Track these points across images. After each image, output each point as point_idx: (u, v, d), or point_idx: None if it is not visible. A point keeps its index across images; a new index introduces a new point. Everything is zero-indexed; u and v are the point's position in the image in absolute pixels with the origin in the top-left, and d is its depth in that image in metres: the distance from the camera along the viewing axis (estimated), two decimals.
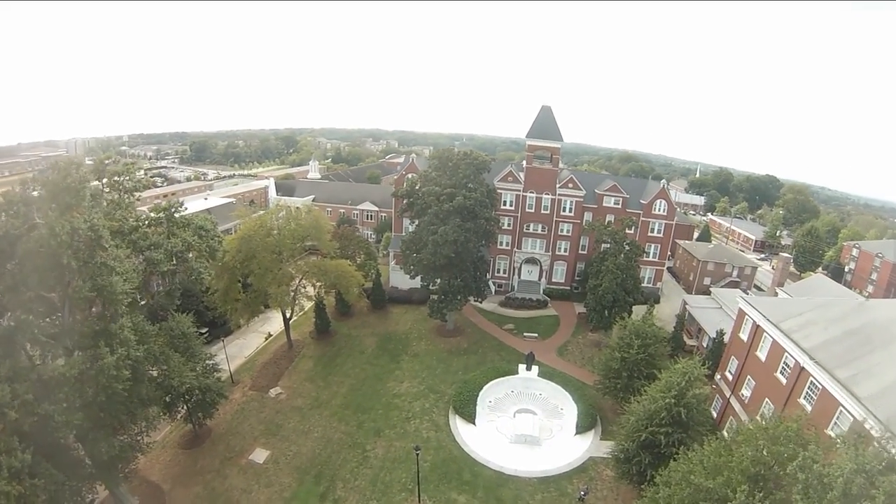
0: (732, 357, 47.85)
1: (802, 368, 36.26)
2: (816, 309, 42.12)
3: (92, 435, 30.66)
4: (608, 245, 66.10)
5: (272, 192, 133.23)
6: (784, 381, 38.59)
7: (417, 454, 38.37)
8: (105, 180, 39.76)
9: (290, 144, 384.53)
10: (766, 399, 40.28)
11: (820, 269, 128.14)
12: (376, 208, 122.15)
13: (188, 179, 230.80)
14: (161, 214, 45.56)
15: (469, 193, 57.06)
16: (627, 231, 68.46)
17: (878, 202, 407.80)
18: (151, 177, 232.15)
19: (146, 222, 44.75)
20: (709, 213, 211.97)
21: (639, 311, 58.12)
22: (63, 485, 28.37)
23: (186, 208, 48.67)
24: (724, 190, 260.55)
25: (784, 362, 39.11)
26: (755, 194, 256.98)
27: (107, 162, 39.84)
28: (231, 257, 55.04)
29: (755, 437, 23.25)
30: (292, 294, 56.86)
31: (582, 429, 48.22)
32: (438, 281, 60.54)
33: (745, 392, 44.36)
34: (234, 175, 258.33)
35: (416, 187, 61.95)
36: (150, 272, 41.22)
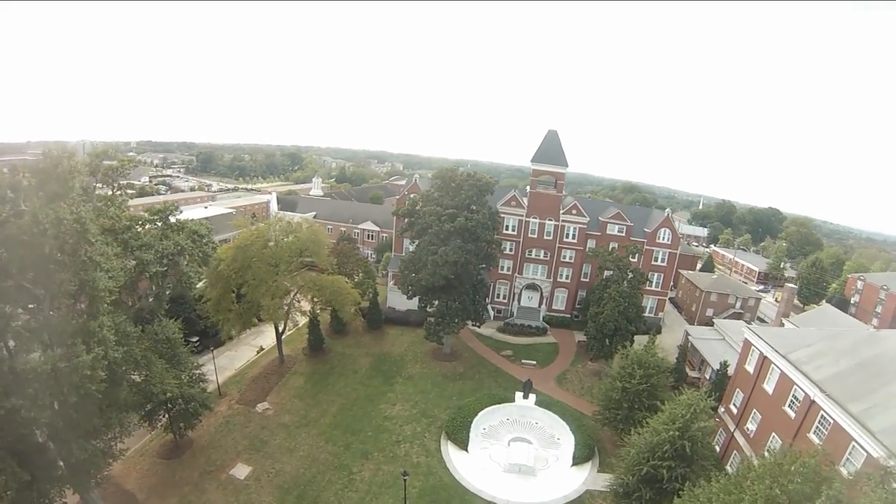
0: (737, 389, 46.20)
1: (812, 402, 34.80)
2: (826, 340, 40.82)
3: (63, 436, 29.21)
4: (611, 272, 64.91)
5: (273, 207, 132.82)
6: (793, 414, 37.04)
7: (405, 479, 36.54)
8: (99, 175, 38.66)
9: (296, 161, 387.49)
10: (773, 434, 38.58)
11: (824, 301, 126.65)
12: (377, 228, 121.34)
13: (192, 189, 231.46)
14: (156, 216, 44.38)
15: (471, 215, 56.18)
16: (631, 259, 67.37)
17: (881, 236, 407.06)
18: (156, 185, 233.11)
19: (140, 222, 43.62)
20: (712, 245, 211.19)
21: (640, 340, 56.63)
22: (28, 485, 26.85)
23: (182, 211, 47.52)
24: (727, 222, 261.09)
25: (793, 395, 37.59)
26: (758, 226, 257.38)
27: (104, 161, 38.76)
28: (226, 266, 53.86)
29: (768, 473, 21.68)
30: (286, 308, 55.53)
31: (579, 460, 46.25)
32: (436, 303, 59.09)
33: (751, 426, 42.66)
34: (237, 188, 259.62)
35: (418, 207, 61.08)
36: (139, 273, 39.80)
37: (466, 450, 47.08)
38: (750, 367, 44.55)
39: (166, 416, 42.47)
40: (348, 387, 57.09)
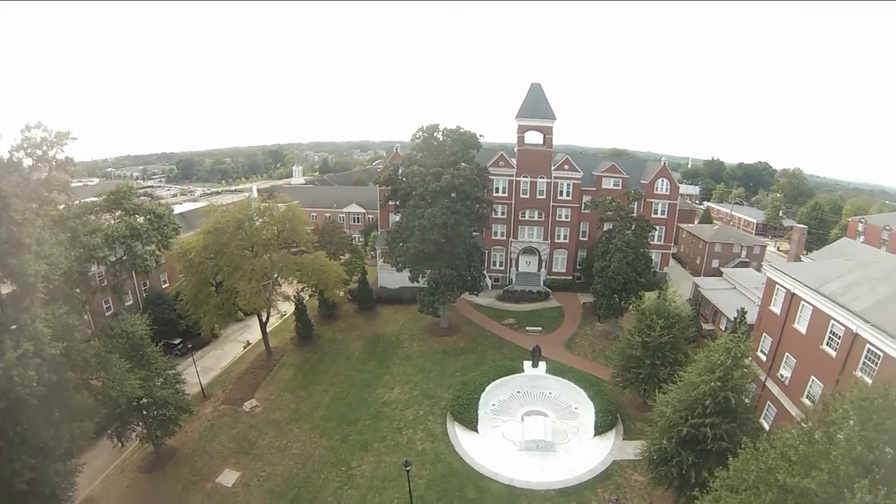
0: (764, 334, 41.82)
1: (856, 335, 30.56)
2: (857, 269, 36.55)
3: (5, 453, 24.61)
4: (612, 226, 60.24)
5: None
6: (833, 353, 32.81)
7: (408, 471, 31.95)
8: (29, 151, 33.18)
9: (278, 159, 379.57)
10: (813, 377, 34.60)
11: (827, 246, 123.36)
12: (363, 210, 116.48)
13: (174, 196, 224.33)
14: (110, 201, 39.07)
15: (457, 172, 51.17)
16: (632, 206, 62.67)
17: (868, 185, 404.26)
18: (138, 196, 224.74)
19: (94, 211, 38.42)
20: (705, 202, 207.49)
21: (649, 297, 52.11)
22: None
23: (139, 195, 42.25)
24: (717, 178, 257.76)
25: (831, 332, 33.31)
26: (749, 181, 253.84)
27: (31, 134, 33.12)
28: (197, 254, 49.19)
29: (856, 411, 17.25)
30: (266, 293, 50.30)
31: (601, 429, 41.98)
32: (428, 272, 54.17)
33: (784, 372, 38.43)
34: (220, 191, 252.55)
35: (400, 172, 55.97)
36: (87, 259, 34.64)
37: (476, 430, 42.75)
38: (776, 308, 40.22)
39: (141, 424, 38.05)
40: (341, 374, 52.53)
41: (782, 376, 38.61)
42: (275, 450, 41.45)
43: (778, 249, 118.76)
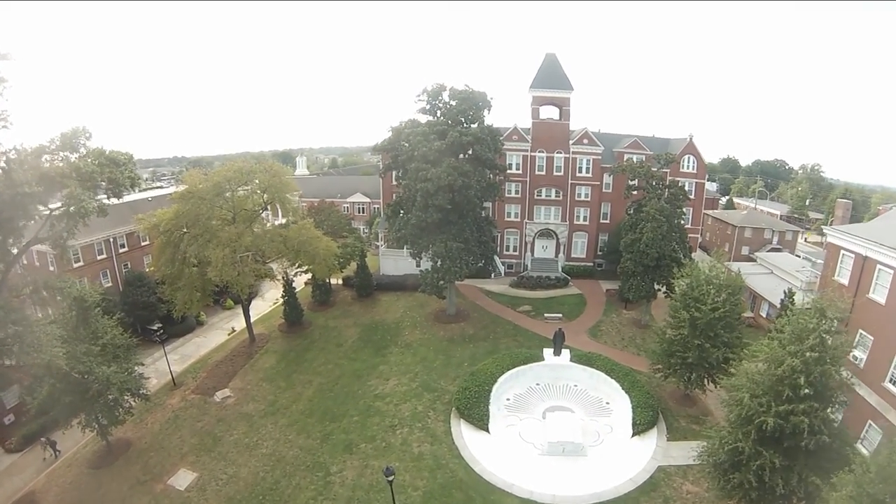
0: None
1: None
2: None
3: None
4: (636, 202, 52.91)
5: None
6: None
7: (391, 482, 24.40)
8: None
9: (287, 161, 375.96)
10: None
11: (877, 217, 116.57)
12: (368, 200, 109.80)
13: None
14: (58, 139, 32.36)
15: (465, 129, 44.21)
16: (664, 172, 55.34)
17: (869, 187, 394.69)
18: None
19: (42, 152, 31.89)
20: (723, 198, 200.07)
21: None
22: None
23: (91, 136, 35.24)
24: (734, 174, 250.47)
25: None
26: (766, 177, 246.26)
27: None
28: (168, 223, 43.14)
29: None
30: (242, 267, 43.03)
31: (641, 427, 34.28)
32: (432, 248, 46.86)
33: (858, 353, 31.29)
34: None
35: (403, 135, 49.03)
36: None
37: (486, 430, 35.27)
38: (843, 279, 33.31)
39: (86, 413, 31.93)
40: (330, 363, 45.48)
41: (855, 358, 31.39)
42: (242, 448, 34.44)
43: (805, 241, 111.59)
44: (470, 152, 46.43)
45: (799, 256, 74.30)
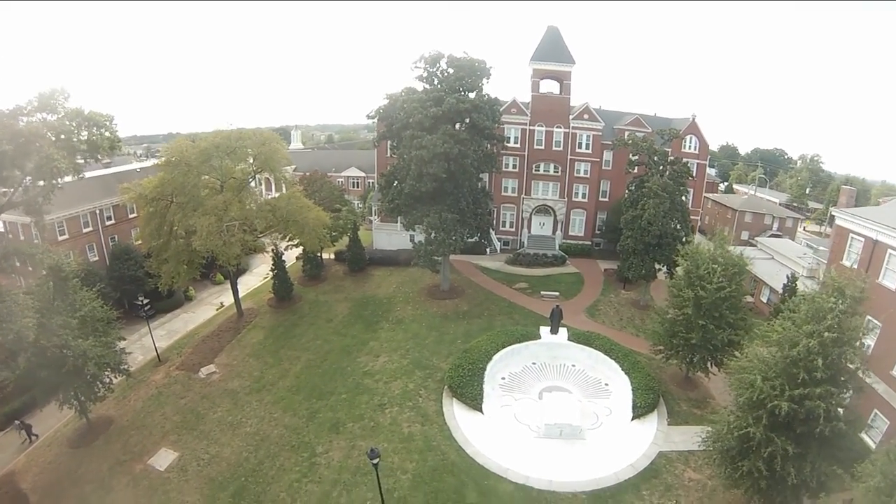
0: None
1: None
2: None
3: None
4: (637, 178, 51.33)
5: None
6: None
7: (375, 465, 22.82)
8: None
9: (284, 136, 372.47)
10: None
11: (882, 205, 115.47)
12: (363, 174, 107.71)
13: None
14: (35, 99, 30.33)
15: (463, 96, 42.20)
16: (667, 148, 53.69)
17: (869, 181, 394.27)
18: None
19: (18, 113, 29.93)
20: (723, 183, 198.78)
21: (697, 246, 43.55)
22: None
23: (69, 96, 33.12)
24: (733, 161, 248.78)
25: None
26: (766, 165, 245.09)
27: None
28: (153, 190, 41.58)
29: None
30: (228, 236, 41.14)
31: (641, 410, 33.13)
32: (426, 220, 45.13)
33: (867, 341, 29.85)
34: None
35: (398, 104, 46.96)
36: None
37: (480, 410, 34.02)
38: (851, 262, 31.89)
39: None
40: (319, 338, 44.06)
41: (862, 345, 30.13)
42: (225, 426, 33.16)
43: (804, 230, 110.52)
44: (467, 121, 44.55)
45: (800, 244, 73.48)
